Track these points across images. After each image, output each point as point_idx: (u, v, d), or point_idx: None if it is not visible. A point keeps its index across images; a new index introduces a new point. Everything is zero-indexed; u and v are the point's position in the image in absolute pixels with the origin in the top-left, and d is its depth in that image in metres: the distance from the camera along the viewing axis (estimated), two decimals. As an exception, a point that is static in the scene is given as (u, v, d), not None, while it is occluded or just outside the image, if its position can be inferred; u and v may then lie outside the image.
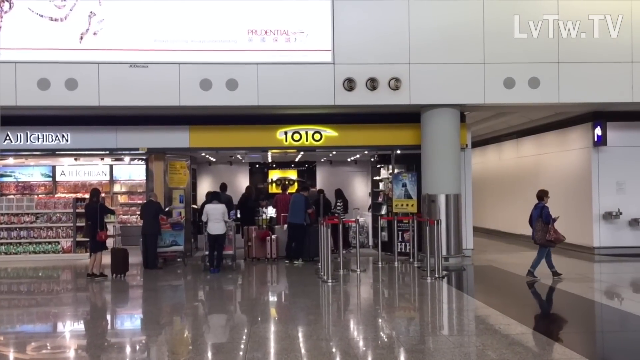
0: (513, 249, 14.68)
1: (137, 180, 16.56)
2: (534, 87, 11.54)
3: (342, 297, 9.38)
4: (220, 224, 11.57)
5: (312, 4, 11.47)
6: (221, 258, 11.70)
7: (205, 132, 12.97)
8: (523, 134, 16.47)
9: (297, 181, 19.15)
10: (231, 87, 11.31)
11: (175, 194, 13.75)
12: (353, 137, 13.16)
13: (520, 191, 16.44)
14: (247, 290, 10.41)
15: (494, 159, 18.63)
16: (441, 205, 11.86)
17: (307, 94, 11.44)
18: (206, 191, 15.06)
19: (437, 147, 11.95)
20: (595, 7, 11.57)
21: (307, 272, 11.42)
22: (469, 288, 10.42)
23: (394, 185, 13.14)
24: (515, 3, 11.55)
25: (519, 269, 11.31)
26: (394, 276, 11.33)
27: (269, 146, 13.42)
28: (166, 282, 10.95)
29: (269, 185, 19.88)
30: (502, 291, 9.68)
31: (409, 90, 11.51)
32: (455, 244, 11.97)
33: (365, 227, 15.39)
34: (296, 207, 12.63)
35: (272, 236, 13.09)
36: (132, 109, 11.70)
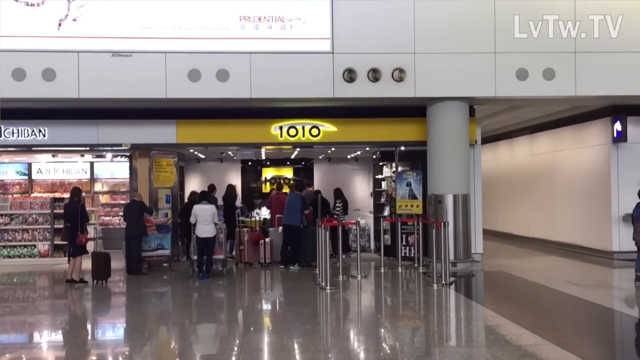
0: (526, 254, 14.70)
1: (120, 178, 16.54)
2: (549, 78, 11.54)
3: (342, 305, 9.38)
4: (210, 226, 11.56)
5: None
6: (211, 263, 11.70)
7: (194, 126, 12.96)
8: (537, 130, 16.49)
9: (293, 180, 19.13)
10: (222, 78, 11.29)
11: (162, 193, 13.74)
12: (353, 132, 13.16)
13: (534, 191, 16.46)
14: (238, 298, 10.40)
15: (506, 156, 18.64)
16: (448, 206, 11.86)
17: (304, 86, 11.42)
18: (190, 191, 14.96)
19: (444, 143, 11.95)
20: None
21: (304, 278, 11.42)
22: (479, 295, 10.43)
23: (398, 185, 13.14)
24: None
25: (532, 275, 11.33)
26: (397, 283, 11.33)
27: (262, 142, 13.40)
28: (151, 288, 10.94)
29: (262, 184, 19.87)
30: (515, 299, 9.69)
31: (414, 81, 11.51)
32: (464, 248, 11.98)
33: (366, 230, 15.39)
34: (292, 208, 12.63)
35: (266, 239, 13.09)
36: (115, 101, 11.67)
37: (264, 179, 19.92)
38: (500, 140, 18.85)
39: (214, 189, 14.14)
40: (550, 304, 9.24)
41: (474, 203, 12.81)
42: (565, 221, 15.07)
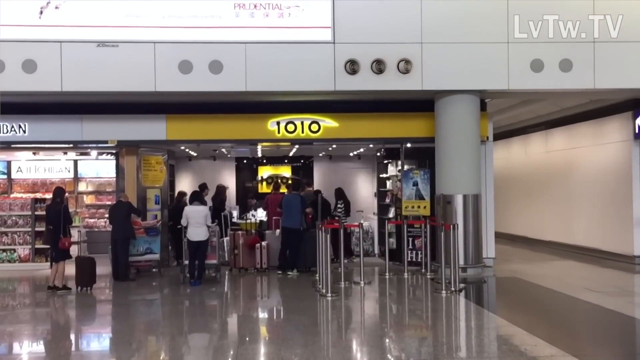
0: (541, 258, 14.70)
1: (106, 178, 16.53)
2: (566, 70, 11.53)
3: (344, 313, 9.38)
4: (202, 229, 11.55)
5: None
6: (203, 268, 11.70)
7: (185, 122, 12.95)
8: (553, 125, 16.48)
9: (292, 179, 19.14)
10: (215, 70, 11.28)
11: (150, 193, 13.73)
12: (356, 128, 13.15)
13: (550, 191, 16.46)
14: (233, 306, 10.40)
15: (519, 153, 18.64)
16: (458, 208, 11.85)
17: (303, 78, 11.41)
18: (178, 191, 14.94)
19: (453, 139, 11.94)
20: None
21: (303, 284, 11.42)
22: (490, 303, 10.42)
23: (404, 184, 13.14)
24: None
25: (548, 281, 11.32)
26: (403, 289, 11.33)
27: (258, 138, 13.40)
28: (139, 295, 10.93)
29: (258, 183, 19.87)
30: (529, 307, 9.69)
31: (421, 73, 11.50)
32: (475, 252, 11.97)
33: (370, 233, 15.39)
34: (292, 209, 12.62)
35: (262, 243, 13.09)
36: (100, 95, 11.66)
37: (260, 178, 19.91)
38: (513, 136, 18.84)
39: (205, 188, 14.11)
40: (567, 312, 9.23)
41: (485, 204, 12.80)
42: (583, 223, 15.06)
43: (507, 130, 18.67)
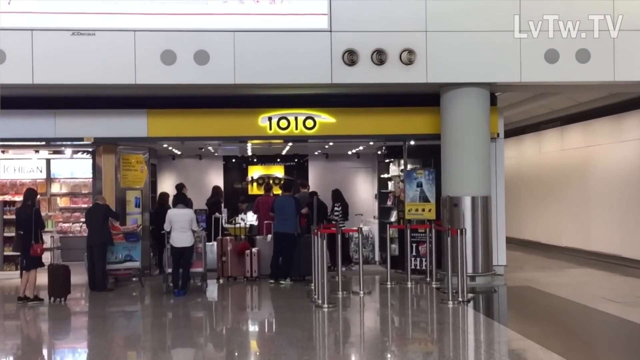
0: (556, 266, 14.72)
1: (82, 178, 16.47)
2: (583, 61, 11.54)
3: (342, 326, 9.37)
4: (187, 234, 11.54)
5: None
6: (188, 277, 11.67)
7: (168, 117, 12.92)
8: (569, 121, 16.51)
9: (285, 180, 19.12)
10: (201, 60, 11.26)
11: (130, 195, 13.70)
12: (355, 124, 13.14)
13: (566, 192, 16.47)
14: (221, 318, 10.38)
15: (532, 151, 18.66)
16: (466, 211, 11.85)
17: (297, 70, 11.39)
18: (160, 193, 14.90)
19: (461, 136, 11.94)
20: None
21: (297, 294, 11.41)
22: (501, 314, 10.43)
23: (407, 185, 13.14)
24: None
25: (563, 290, 11.34)
26: (406, 300, 11.32)
27: (248, 135, 13.39)
28: (118, 307, 10.90)
29: (248, 184, 19.85)
30: (543, 318, 9.70)
31: (426, 65, 11.49)
32: (484, 259, 11.97)
33: (370, 238, 15.38)
34: (285, 213, 12.60)
35: (253, 249, 13.07)
36: (76, 88, 11.63)
37: (250, 178, 19.89)
38: (526, 133, 18.86)
39: (182, 188, 14.03)
40: (584, 325, 9.25)
41: (496, 207, 12.80)
42: (601, 227, 15.08)
43: (519, 126, 18.69)
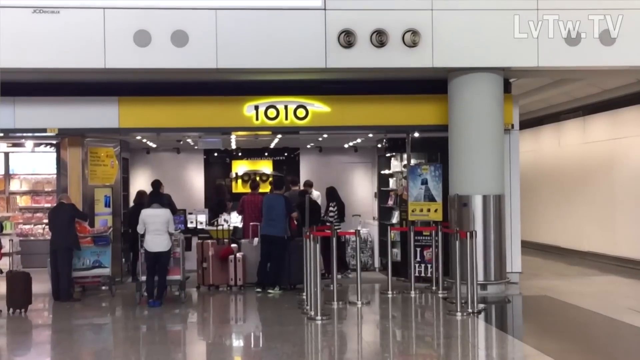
0: (578, 273, 14.76)
1: (44, 174, 16.45)
2: (608, 43, 11.57)
3: (337, 340, 9.38)
4: (163, 238, 11.51)
5: None
6: (164, 286, 11.66)
7: (142, 106, 12.90)
8: (592, 110, 16.53)
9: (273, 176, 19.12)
10: (179, 42, 11.24)
11: (99, 194, 13.67)
12: (352, 113, 13.14)
13: (588, 191, 16.49)
14: (201, 332, 10.36)
15: (551, 145, 18.68)
16: (477, 211, 11.87)
17: (287, 53, 11.39)
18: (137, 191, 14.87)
19: (471, 128, 11.95)
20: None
21: (287, 305, 11.41)
22: (516, 327, 10.44)
23: (410, 183, 13.14)
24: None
25: (585, 300, 11.36)
26: (409, 311, 11.33)
27: (232, 126, 13.38)
28: (86, 319, 10.88)
29: (232, 181, 19.83)
30: (563, 332, 9.71)
31: (432, 47, 11.49)
32: (497, 265, 11.99)
33: (369, 242, 15.38)
34: (273, 213, 12.60)
35: (237, 254, 13.06)
36: (37, 72, 11.60)
37: (234, 174, 19.87)
38: (544, 124, 18.89)
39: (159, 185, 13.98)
40: (608, 339, 9.27)
41: (510, 207, 12.83)
42: (629, 231, 15.12)
43: (537, 116, 18.72)
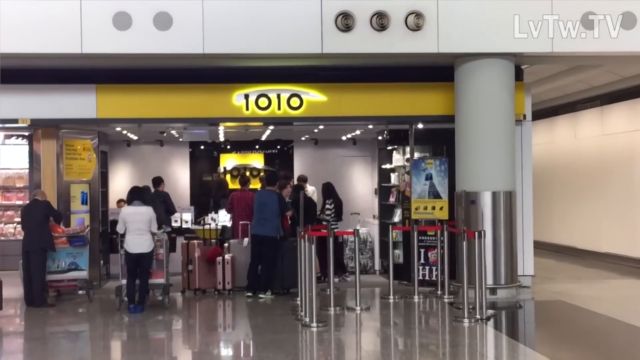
0: (595, 276, 14.79)
1: (16, 169, 16.41)
2: (628, 27, 11.58)
3: (334, 349, 9.40)
4: (145, 238, 11.50)
5: None
6: (146, 290, 11.66)
7: (122, 94, 12.89)
8: (611, 100, 16.54)
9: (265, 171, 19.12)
10: (162, 25, 11.23)
11: (76, 190, 13.66)
12: (350, 103, 13.14)
13: (607, 187, 16.51)
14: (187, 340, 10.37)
15: (567, 137, 18.69)
16: (486, 209, 11.89)
17: (280, 37, 11.38)
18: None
19: (479, 118, 11.97)
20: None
21: (280, 311, 11.43)
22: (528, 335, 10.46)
23: (414, 178, 13.15)
24: None
25: (603, 306, 11.39)
26: (412, 317, 11.35)
27: (220, 117, 13.38)
28: (61, 326, 10.88)
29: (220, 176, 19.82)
30: (578, 340, 9.74)
31: (437, 31, 11.50)
32: (507, 267, 12.02)
33: (368, 243, 15.39)
34: (266, 211, 12.59)
35: (226, 256, 13.06)
36: (8, 58, 11.54)
37: (222, 169, 19.87)
38: (558, 114, 18.90)
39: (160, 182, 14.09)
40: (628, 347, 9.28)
41: (522, 204, 12.85)
42: (650, 230, 15.17)
43: (551, 106, 18.73)
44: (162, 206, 13.75)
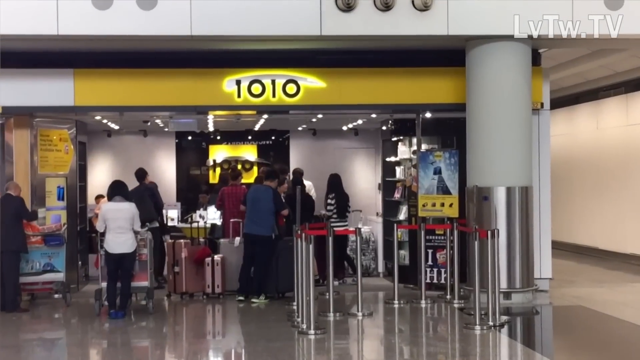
0: (618, 279, 14.82)
1: (-14, 161, 16.44)
2: (655, 8, 11.60)
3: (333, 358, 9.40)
4: (126, 237, 11.49)
5: None
6: (129, 294, 11.67)
7: (102, 80, 12.89)
8: (637, 87, 16.55)
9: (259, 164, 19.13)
10: (145, 4, 11.22)
11: (51, 184, 13.65)
12: (351, 90, 13.14)
13: (631, 182, 16.52)
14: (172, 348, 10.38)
15: (588, 127, 18.69)
16: (499, 206, 11.90)
17: (275, 17, 11.38)
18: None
19: (492, 107, 11.97)
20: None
21: (275, 316, 11.44)
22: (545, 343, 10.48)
23: (421, 172, 13.16)
24: None
25: (627, 311, 11.41)
26: (419, 323, 11.36)
27: (209, 104, 13.39)
28: (35, 333, 10.89)
29: (209, 169, 19.82)
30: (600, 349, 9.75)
31: (447, 11, 11.49)
32: (523, 270, 12.03)
33: (371, 242, 15.40)
34: (259, 208, 12.59)
35: (215, 257, 13.07)
36: (-23, 40, 11.59)
37: (211, 162, 19.87)
38: (579, 103, 18.90)
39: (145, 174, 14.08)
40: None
41: (539, 201, 12.85)
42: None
43: (571, 94, 18.74)
44: (151, 200, 13.77)
